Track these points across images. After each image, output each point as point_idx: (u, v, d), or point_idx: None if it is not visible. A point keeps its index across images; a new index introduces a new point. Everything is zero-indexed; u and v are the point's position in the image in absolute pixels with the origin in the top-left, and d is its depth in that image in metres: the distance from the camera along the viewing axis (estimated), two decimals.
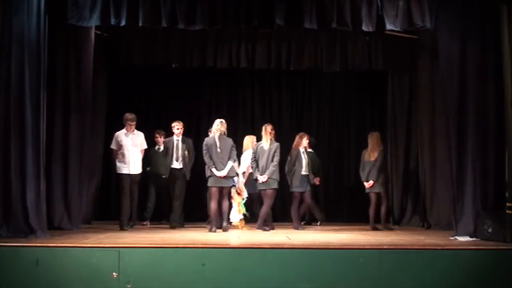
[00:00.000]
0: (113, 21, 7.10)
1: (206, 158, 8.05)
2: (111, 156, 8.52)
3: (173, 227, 8.45)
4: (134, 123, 8.40)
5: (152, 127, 10.47)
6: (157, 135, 9.43)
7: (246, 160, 8.74)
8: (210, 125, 10.46)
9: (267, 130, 8.40)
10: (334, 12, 7.18)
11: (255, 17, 7.25)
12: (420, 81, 9.25)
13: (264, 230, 8.16)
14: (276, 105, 10.86)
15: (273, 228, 8.32)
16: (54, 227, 7.49)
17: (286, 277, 5.78)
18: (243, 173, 8.74)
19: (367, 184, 8.63)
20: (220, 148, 8.01)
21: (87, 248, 5.92)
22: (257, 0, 7.22)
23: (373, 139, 8.74)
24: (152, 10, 7.13)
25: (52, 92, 7.47)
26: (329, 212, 10.02)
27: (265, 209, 8.30)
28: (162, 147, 9.15)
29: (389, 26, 7.30)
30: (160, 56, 9.46)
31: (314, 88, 10.86)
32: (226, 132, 8.20)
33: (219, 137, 8.07)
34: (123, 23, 7.10)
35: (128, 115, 8.41)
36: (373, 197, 8.65)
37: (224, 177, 7.98)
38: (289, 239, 7.01)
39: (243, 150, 8.95)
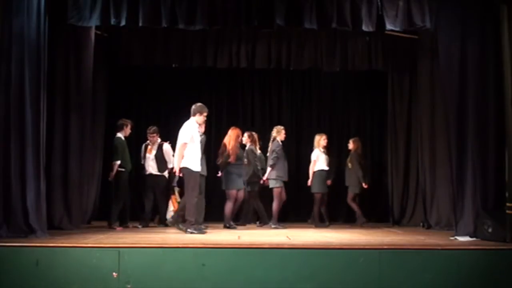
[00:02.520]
0: (113, 21, 7.10)
1: None
2: (181, 150, 7.41)
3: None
4: None
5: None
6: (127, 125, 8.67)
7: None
8: (209, 125, 10.49)
9: (258, 138, 9.19)
10: (334, 12, 7.18)
11: (255, 17, 7.25)
12: (420, 81, 9.26)
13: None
14: (276, 105, 10.86)
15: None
16: (54, 227, 7.49)
17: (286, 277, 5.78)
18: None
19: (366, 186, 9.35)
20: None
21: (87, 248, 5.91)
22: (257, 0, 7.23)
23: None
24: (152, 10, 7.13)
25: (52, 92, 7.47)
26: (330, 212, 10.03)
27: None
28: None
29: (389, 26, 7.30)
30: (160, 56, 9.47)
31: (314, 88, 10.87)
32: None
33: None
34: (123, 23, 7.10)
35: (203, 104, 7.67)
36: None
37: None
38: (289, 239, 7.01)
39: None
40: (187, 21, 7.19)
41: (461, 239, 6.91)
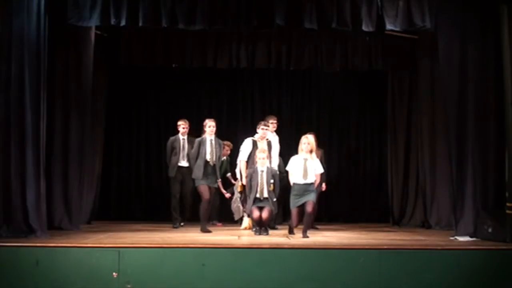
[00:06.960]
0: (113, 21, 7.10)
1: None
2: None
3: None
4: None
5: (152, 127, 10.48)
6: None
7: None
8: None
9: None
10: (334, 12, 7.19)
11: (255, 17, 7.25)
12: (420, 81, 9.24)
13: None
14: (276, 105, 10.84)
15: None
16: (54, 227, 7.48)
17: (286, 277, 5.79)
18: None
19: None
20: None
21: (87, 248, 5.92)
22: (257, 0, 7.23)
23: None
24: (152, 10, 7.13)
25: (52, 92, 7.46)
26: (329, 212, 10.05)
27: None
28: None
29: (389, 26, 7.30)
30: (160, 56, 9.45)
31: (314, 88, 10.85)
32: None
33: None
34: (123, 23, 7.10)
35: None
36: None
37: None
38: (289, 239, 7.01)
39: None
40: (187, 21, 7.20)
41: (461, 239, 6.91)
